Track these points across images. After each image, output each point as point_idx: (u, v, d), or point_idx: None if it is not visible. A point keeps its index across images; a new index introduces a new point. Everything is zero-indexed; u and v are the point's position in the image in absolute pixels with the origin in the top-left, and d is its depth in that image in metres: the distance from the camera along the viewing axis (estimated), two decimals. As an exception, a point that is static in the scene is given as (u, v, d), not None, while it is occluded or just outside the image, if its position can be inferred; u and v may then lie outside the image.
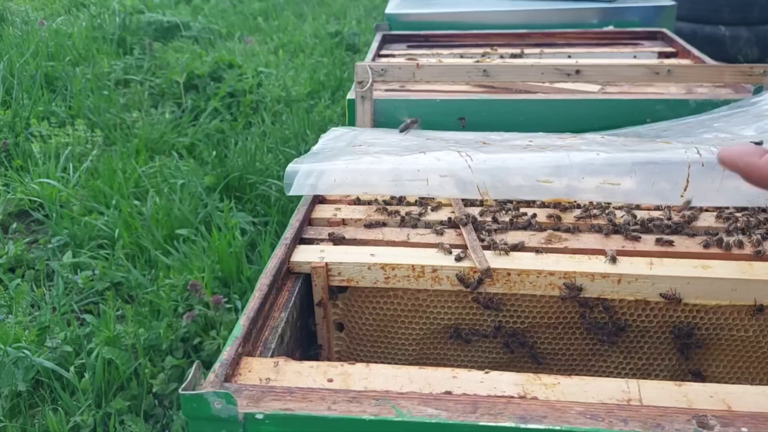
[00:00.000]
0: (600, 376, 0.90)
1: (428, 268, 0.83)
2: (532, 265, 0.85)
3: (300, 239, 0.92)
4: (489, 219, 0.98)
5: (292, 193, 1.01)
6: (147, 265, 2.32)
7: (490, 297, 0.85)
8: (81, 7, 5.71)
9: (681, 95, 1.41)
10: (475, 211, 1.00)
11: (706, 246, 0.87)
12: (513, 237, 0.92)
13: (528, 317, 0.88)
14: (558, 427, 0.54)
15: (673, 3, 2.24)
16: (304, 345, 0.87)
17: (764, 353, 0.85)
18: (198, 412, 0.55)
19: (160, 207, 2.53)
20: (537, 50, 1.83)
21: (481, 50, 1.85)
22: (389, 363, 0.80)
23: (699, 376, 0.86)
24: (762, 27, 3.96)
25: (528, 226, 0.96)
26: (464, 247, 0.88)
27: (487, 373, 0.62)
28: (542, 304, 0.87)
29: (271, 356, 0.71)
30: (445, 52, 1.84)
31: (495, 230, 0.93)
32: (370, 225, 0.95)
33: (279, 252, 0.85)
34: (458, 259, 0.85)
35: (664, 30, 1.93)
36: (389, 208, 1.01)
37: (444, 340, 0.91)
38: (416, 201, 1.04)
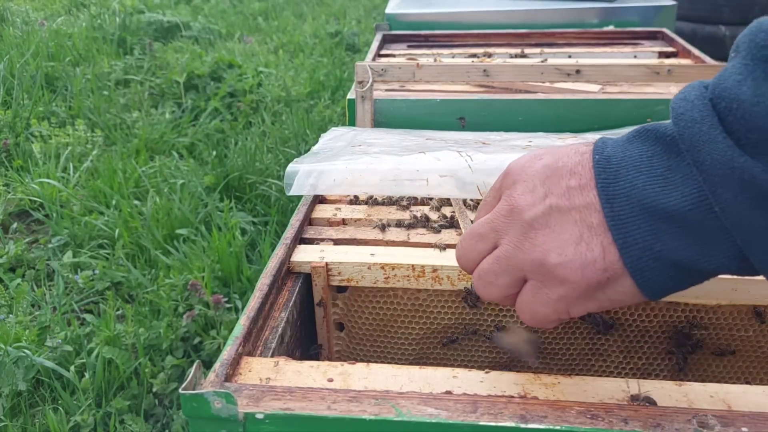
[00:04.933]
0: (600, 375, 0.90)
1: (428, 268, 0.83)
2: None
3: (300, 239, 0.92)
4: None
5: (292, 193, 1.01)
6: (147, 264, 2.32)
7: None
8: (81, 7, 5.71)
9: (681, 95, 1.40)
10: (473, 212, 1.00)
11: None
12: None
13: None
14: (558, 427, 0.54)
15: (673, 3, 2.24)
16: (304, 345, 0.87)
17: (764, 353, 0.85)
18: (198, 411, 0.55)
19: (160, 207, 2.53)
20: (537, 50, 1.83)
21: (481, 50, 1.85)
22: (389, 363, 0.80)
23: (724, 354, 0.85)
24: (762, 27, 3.95)
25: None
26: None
27: (487, 372, 0.62)
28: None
29: (272, 356, 0.71)
30: (445, 52, 1.84)
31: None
32: (380, 226, 0.95)
33: (279, 252, 0.84)
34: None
35: (665, 30, 1.93)
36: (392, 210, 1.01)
37: (445, 339, 0.91)
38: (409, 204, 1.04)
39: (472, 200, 1.01)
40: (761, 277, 0.79)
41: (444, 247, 0.88)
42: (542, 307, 0.54)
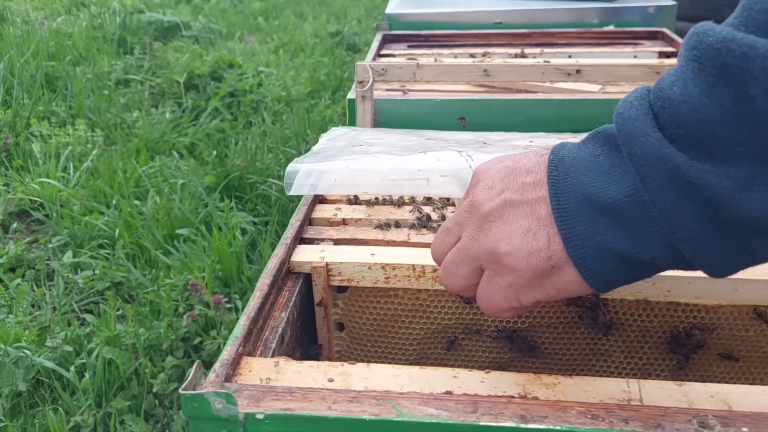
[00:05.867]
0: (601, 375, 0.90)
1: (429, 268, 0.83)
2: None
3: (300, 239, 0.92)
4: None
5: (292, 192, 1.01)
6: (147, 264, 2.32)
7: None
8: (81, 6, 5.71)
9: (681, 95, 1.40)
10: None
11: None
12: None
13: (528, 317, 0.88)
14: (558, 427, 0.54)
15: (673, 3, 2.24)
16: (305, 345, 0.87)
17: (765, 353, 0.85)
18: (198, 411, 0.55)
19: (160, 207, 2.53)
20: (537, 50, 1.83)
21: (481, 50, 1.85)
22: (390, 363, 0.80)
23: (729, 358, 0.85)
24: (762, 27, 3.94)
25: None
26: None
27: (487, 372, 0.62)
28: (542, 303, 0.86)
29: (272, 356, 0.71)
30: (446, 52, 1.84)
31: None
32: (381, 226, 0.95)
33: (279, 252, 0.84)
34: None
35: (665, 30, 1.92)
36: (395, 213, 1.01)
37: (445, 339, 0.91)
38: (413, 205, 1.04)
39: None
40: (762, 277, 0.80)
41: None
42: (495, 295, 0.57)
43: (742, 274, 0.80)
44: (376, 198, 1.03)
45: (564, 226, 0.51)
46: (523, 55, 1.78)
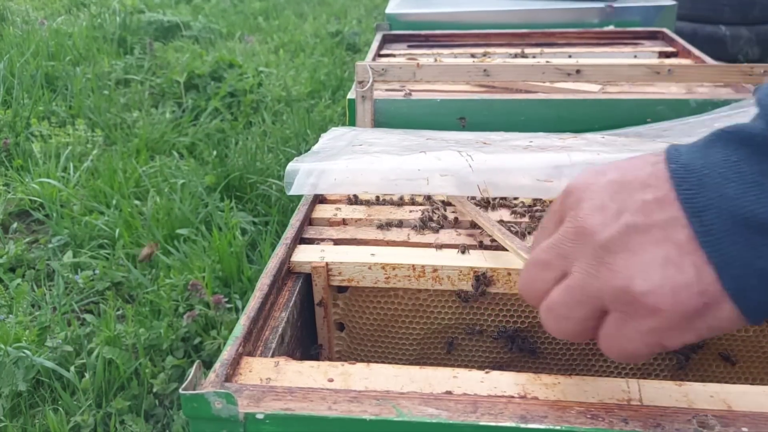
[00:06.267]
0: (600, 375, 0.90)
1: (429, 268, 0.83)
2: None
3: (300, 239, 0.92)
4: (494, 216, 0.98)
5: (292, 192, 1.01)
6: (147, 264, 2.32)
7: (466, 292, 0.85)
8: (81, 6, 5.71)
9: (681, 95, 1.40)
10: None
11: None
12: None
13: (528, 317, 0.88)
14: (558, 427, 0.54)
15: (673, 3, 2.24)
16: (305, 345, 0.87)
17: (765, 353, 0.85)
18: (198, 411, 0.55)
19: (160, 207, 2.53)
20: (537, 50, 1.83)
21: (481, 50, 1.85)
22: (390, 363, 0.80)
23: (728, 360, 0.85)
24: (763, 26, 3.96)
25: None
26: (460, 246, 0.88)
27: (487, 373, 0.62)
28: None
29: (272, 356, 0.71)
30: (446, 52, 1.84)
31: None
32: (381, 226, 0.95)
33: (279, 252, 0.84)
34: (463, 251, 0.85)
35: (665, 30, 1.93)
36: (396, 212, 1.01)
37: (444, 340, 0.91)
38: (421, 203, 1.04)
39: (478, 202, 1.01)
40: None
41: (440, 247, 0.88)
42: (631, 343, 0.47)
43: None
44: (377, 198, 1.03)
45: (715, 253, 0.42)
46: (523, 55, 1.78)
